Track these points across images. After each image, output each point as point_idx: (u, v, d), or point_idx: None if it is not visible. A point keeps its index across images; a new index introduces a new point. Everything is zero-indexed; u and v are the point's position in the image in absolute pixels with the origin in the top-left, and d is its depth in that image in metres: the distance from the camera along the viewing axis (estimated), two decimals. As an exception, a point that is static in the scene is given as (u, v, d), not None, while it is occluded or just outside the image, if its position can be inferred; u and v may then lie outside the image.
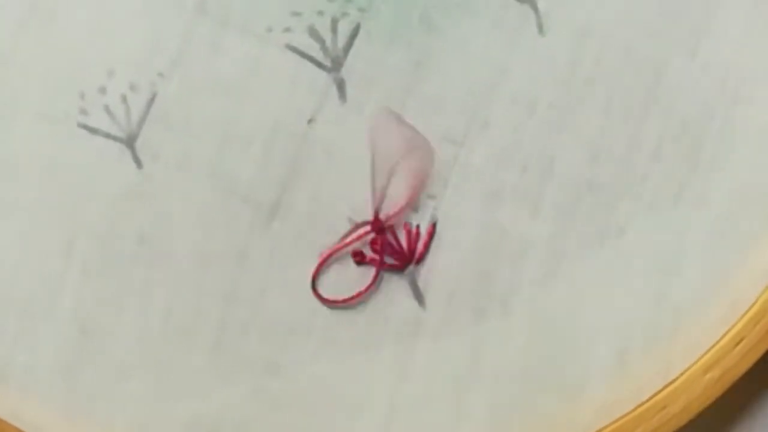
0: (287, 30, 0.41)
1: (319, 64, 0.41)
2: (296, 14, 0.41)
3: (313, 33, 0.41)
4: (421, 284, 0.42)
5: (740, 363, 0.41)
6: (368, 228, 0.41)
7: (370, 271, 0.41)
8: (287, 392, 0.41)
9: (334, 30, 0.41)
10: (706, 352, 0.41)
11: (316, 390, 0.41)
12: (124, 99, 0.41)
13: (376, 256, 0.41)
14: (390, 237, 0.41)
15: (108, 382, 0.41)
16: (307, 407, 0.41)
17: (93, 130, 0.41)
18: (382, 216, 0.41)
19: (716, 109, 0.42)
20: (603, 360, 0.42)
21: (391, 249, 0.41)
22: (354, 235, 0.41)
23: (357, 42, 0.41)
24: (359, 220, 0.41)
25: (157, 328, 0.41)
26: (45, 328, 0.41)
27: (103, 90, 0.41)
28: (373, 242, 0.41)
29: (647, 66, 0.42)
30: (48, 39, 0.40)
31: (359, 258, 0.41)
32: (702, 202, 0.42)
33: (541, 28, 0.42)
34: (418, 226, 0.41)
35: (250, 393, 0.41)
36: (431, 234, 0.41)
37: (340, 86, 0.41)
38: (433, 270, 0.41)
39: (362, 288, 0.41)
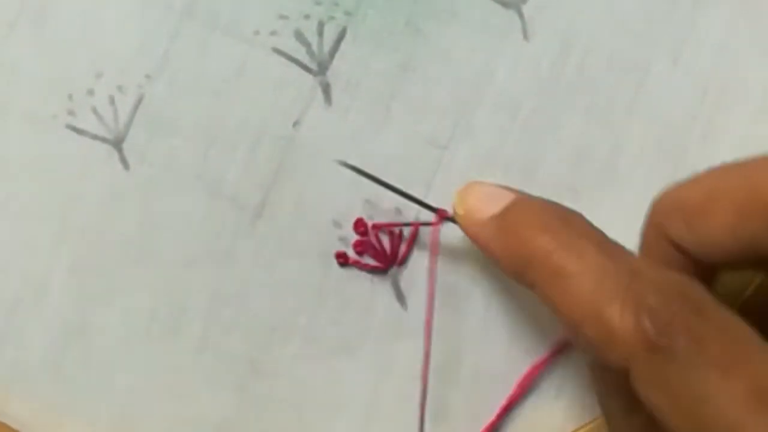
0: (274, 33, 0.41)
1: (305, 68, 0.41)
2: (283, 17, 0.41)
3: (300, 36, 0.41)
4: (403, 286, 0.42)
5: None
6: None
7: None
8: (269, 391, 0.41)
9: (320, 33, 0.41)
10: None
11: (297, 389, 0.41)
12: (111, 101, 0.41)
13: (359, 258, 0.42)
14: (373, 239, 0.42)
15: (93, 380, 0.41)
16: (288, 406, 0.41)
17: (81, 132, 0.41)
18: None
19: (698, 115, 0.42)
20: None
21: (375, 251, 0.42)
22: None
23: (343, 45, 0.41)
24: (343, 221, 0.42)
25: (142, 327, 0.41)
26: (32, 326, 0.41)
27: (91, 92, 0.41)
28: (356, 244, 0.42)
29: (630, 71, 0.42)
30: (37, 41, 0.41)
31: (343, 259, 0.42)
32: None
33: (525, 34, 0.42)
34: (401, 230, 0.42)
35: (234, 391, 0.41)
36: (414, 236, 0.42)
37: (326, 89, 0.41)
38: (415, 272, 0.42)
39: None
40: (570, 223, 0.36)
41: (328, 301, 0.42)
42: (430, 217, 0.41)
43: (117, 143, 0.41)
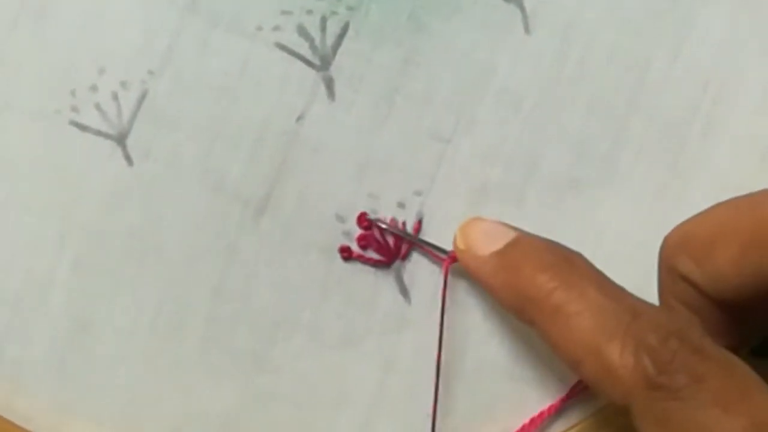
0: (277, 28, 0.41)
1: (308, 63, 0.41)
2: (286, 13, 0.41)
3: (303, 31, 0.41)
4: (406, 279, 0.42)
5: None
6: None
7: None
8: (274, 385, 0.42)
9: (323, 28, 0.41)
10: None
11: (302, 383, 0.42)
12: (115, 97, 0.41)
13: (363, 252, 0.42)
14: (377, 233, 0.42)
15: (98, 376, 0.41)
16: (293, 400, 0.42)
17: (84, 128, 0.41)
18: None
19: (698, 110, 0.42)
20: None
21: (378, 245, 0.42)
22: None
23: (346, 40, 0.41)
24: (346, 216, 0.42)
25: (146, 323, 0.41)
26: (36, 322, 0.41)
27: (94, 88, 0.41)
28: (359, 238, 0.42)
29: (631, 66, 0.42)
30: (39, 37, 0.40)
31: (346, 254, 0.42)
32: (682, 200, 0.42)
33: (527, 28, 0.42)
34: (404, 223, 0.42)
35: (238, 386, 0.41)
36: (417, 230, 0.42)
37: (329, 84, 0.41)
38: (418, 265, 0.42)
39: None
40: (571, 263, 0.37)
41: (331, 296, 0.42)
42: (433, 223, 0.41)
43: (120, 139, 0.41)
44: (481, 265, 0.39)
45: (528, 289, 0.37)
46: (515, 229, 0.39)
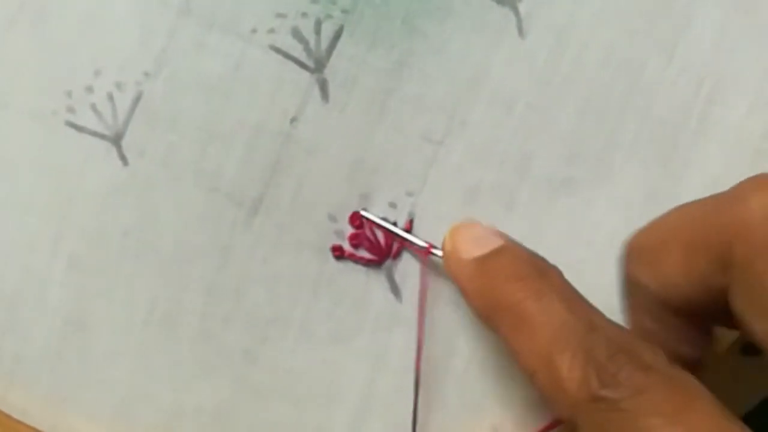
0: (271, 31, 0.41)
1: (302, 65, 0.42)
2: (280, 15, 0.41)
3: (297, 34, 0.42)
4: (397, 278, 0.43)
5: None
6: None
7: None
8: (266, 382, 0.42)
9: (317, 31, 0.42)
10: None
11: (294, 380, 0.42)
12: (110, 97, 0.41)
13: (354, 251, 0.42)
14: (368, 232, 0.42)
15: (93, 371, 0.42)
16: (285, 397, 0.42)
17: (80, 128, 0.41)
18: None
19: (692, 111, 0.43)
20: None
21: (370, 244, 0.42)
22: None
23: (340, 43, 0.42)
24: (339, 215, 0.42)
25: (141, 319, 0.42)
26: (33, 319, 0.41)
27: (90, 89, 0.41)
28: (351, 237, 0.42)
29: (625, 67, 0.42)
30: (36, 38, 0.41)
31: (338, 252, 0.42)
32: (675, 200, 0.42)
33: (521, 30, 0.42)
34: (395, 223, 0.42)
35: (231, 382, 0.42)
36: (408, 230, 0.42)
37: (323, 87, 0.42)
38: (409, 264, 0.43)
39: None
40: (545, 276, 0.37)
41: (323, 294, 0.42)
42: (424, 223, 0.42)
43: (116, 140, 0.41)
44: (461, 268, 0.39)
45: (498, 297, 0.37)
46: (505, 237, 0.40)
